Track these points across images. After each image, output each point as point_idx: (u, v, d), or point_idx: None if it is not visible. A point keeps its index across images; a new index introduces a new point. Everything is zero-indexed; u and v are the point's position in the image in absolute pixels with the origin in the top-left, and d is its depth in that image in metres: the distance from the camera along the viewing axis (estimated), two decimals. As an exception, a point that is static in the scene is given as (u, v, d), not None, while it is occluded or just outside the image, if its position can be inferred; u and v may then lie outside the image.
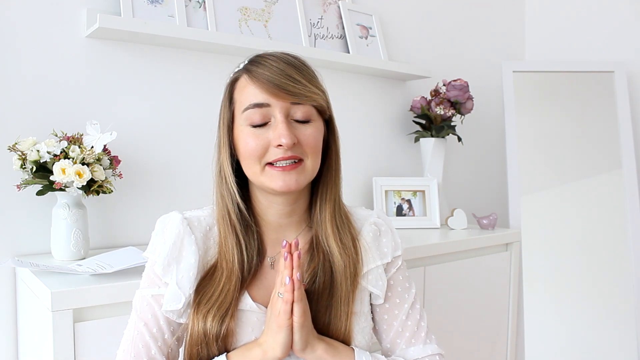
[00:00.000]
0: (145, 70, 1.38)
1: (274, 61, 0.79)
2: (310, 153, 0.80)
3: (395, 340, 0.90)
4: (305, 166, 0.80)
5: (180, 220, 0.82)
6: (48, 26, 1.24)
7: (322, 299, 0.82)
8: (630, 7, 2.11)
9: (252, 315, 0.81)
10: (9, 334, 1.20)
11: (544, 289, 1.91)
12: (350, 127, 1.79)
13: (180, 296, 0.79)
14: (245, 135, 0.79)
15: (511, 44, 2.38)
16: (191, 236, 0.82)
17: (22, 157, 1.10)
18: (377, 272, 0.87)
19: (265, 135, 0.78)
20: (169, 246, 0.80)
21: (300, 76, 0.78)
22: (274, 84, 0.76)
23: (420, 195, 1.81)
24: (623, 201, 1.93)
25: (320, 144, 0.82)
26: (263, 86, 0.77)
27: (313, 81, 0.80)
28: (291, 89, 0.77)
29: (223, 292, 0.79)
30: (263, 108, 0.77)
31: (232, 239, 0.82)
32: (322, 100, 0.81)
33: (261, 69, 0.78)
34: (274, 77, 0.77)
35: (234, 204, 0.82)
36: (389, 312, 0.90)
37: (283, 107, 0.77)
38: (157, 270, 0.80)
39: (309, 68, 0.82)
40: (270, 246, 0.87)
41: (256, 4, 1.55)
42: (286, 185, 0.78)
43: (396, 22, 1.94)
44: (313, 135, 0.80)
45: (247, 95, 0.79)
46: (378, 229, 0.91)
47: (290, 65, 0.78)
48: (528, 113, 2.01)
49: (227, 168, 0.82)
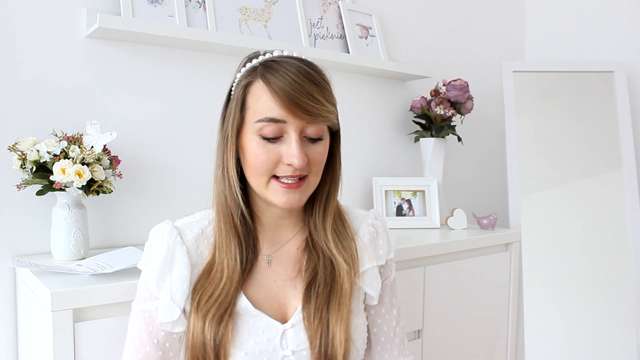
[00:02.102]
0: (145, 70, 1.37)
1: (293, 73, 0.75)
2: (315, 170, 0.80)
3: (385, 345, 0.92)
4: (308, 182, 0.80)
5: (169, 231, 0.82)
6: (48, 26, 1.24)
7: (322, 297, 0.82)
8: (631, 7, 2.11)
9: (249, 318, 0.80)
10: (9, 334, 1.20)
11: (544, 289, 1.91)
12: (350, 127, 1.79)
13: (175, 309, 0.79)
14: (255, 146, 0.77)
15: (511, 44, 2.38)
16: (182, 247, 0.81)
17: (22, 157, 1.10)
18: (373, 273, 0.88)
19: (277, 150, 0.77)
20: (159, 262, 0.80)
21: (320, 94, 0.76)
22: (294, 101, 0.74)
23: (420, 195, 1.81)
24: (623, 201, 1.93)
25: (325, 160, 0.82)
26: (281, 102, 0.74)
27: (330, 98, 0.79)
28: (310, 109, 0.75)
29: (224, 291, 0.79)
30: (278, 124, 0.76)
31: (234, 241, 0.81)
32: (336, 119, 0.81)
33: (280, 80, 0.75)
34: (294, 93, 0.74)
35: (237, 208, 0.82)
36: (381, 314, 0.91)
37: (299, 126, 0.76)
38: (151, 286, 0.80)
39: (325, 81, 0.79)
40: (266, 245, 0.87)
41: (256, 4, 1.55)
42: (289, 203, 0.79)
43: (396, 22, 1.94)
44: (321, 154, 0.80)
45: (263, 106, 0.76)
46: (375, 230, 0.91)
47: (309, 81, 0.76)
48: (528, 113, 2.01)
49: (232, 172, 0.81)
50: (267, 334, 0.80)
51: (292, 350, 0.81)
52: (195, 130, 1.45)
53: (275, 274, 0.85)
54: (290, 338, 0.81)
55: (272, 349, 0.80)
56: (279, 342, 0.81)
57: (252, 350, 0.79)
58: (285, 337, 0.81)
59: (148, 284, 0.81)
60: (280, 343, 0.81)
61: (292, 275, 0.86)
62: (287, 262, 0.87)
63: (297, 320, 0.82)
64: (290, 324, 0.82)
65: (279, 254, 0.87)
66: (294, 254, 0.87)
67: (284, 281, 0.85)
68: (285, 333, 0.81)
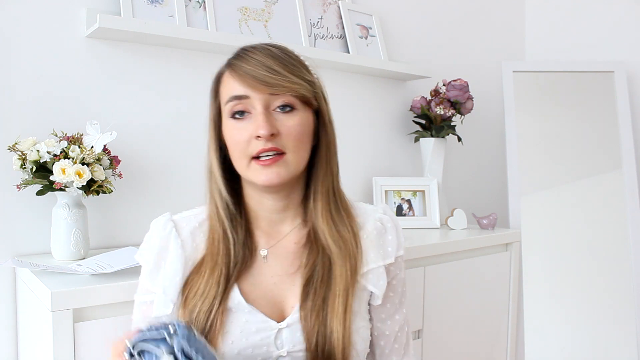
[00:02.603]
0: (145, 70, 1.37)
1: (254, 54, 0.79)
2: (292, 145, 0.78)
3: (394, 345, 0.90)
4: (287, 159, 0.78)
5: (164, 223, 0.84)
6: (48, 26, 1.24)
7: (319, 293, 0.79)
8: (630, 7, 2.11)
9: (241, 315, 0.78)
10: (9, 334, 1.20)
11: (544, 289, 1.91)
12: (350, 127, 1.79)
13: (168, 302, 0.80)
14: (230, 129, 0.80)
15: (511, 44, 2.38)
16: (177, 239, 0.82)
17: (22, 157, 1.10)
18: (378, 271, 0.85)
19: (248, 127, 0.78)
20: (154, 254, 0.82)
21: (281, 67, 0.78)
22: (252, 75, 0.77)
23: (420, 195, 1.81)
24: (623, 201, 1.93)
25: (304, 136, 0.80)
26: (242, 79, 0.78)
27: (295, 71, 0.79)
28: (268, 79, 0.77)
29: (208, 285, 0.79)
30: (242, 100, 0.78)
31: (219, 233, 0.82)
32: (305, 91, 0.79)
33: (242, 62, 0.79)
34: (252, 69, 0.77)
35: (222, 199, 0.83)
36: (389, 313, 0.89)
37: (262, 99, 0.77)
38: (145, 279, 0.82)
39: (293, 58, 0.81)
40: (263, 239, 0.86)
41: (256, 4, 1.55)
42: (268, 179, 0.78)
43: (396, 22, 1.94)
44: (295, 126, 0.79)
45: (228, 88, 0.80)
46: (383, 225, 0.88)
47: (270, 57, 0.78)
48: (528, 113, 2.01)
49: (215, 163, 0.83)
50: (260, 333, 0.78)
51: (287, 350, 0.78)
52: (195, 130, 1.45)
53: (272, 269, 0.83)
54: (285, 338, 0.78)
55: (266, 348, 0.78)
56: (274, 342, 0.78)
57: (245, 349, 0.77)
58: (280, 336, 0.78)
59: (144, 278, 0.83)
60: (275, 343, 0.78)
61: (290, 271, 0.83)
62: (285, 258, 0.84)
63: (293, 320, 0.79)
64: (286, 323, 0.79)
65: (276, 249, 0.85)
66: (292, 249, 0.85)
67: (281, 277, 0.83)
68: (281, 332, 0.78)
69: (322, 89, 0.85)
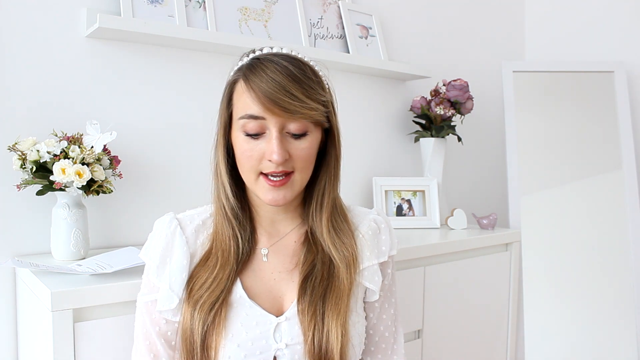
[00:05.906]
0: (145, 70, 1.37)
1: (272, 71, 0.76)
2: (300, 166, 0.80)
3: (380, 345, 0.93)
4: (293, 179, 0.81)
5: (169, 221, 0.85)
6: (48, 26, 1.24)
7: (318, 290, 0.82)
8: (631, 7, 2.11)
9: (242, 309, 0.81)
10: (9, 334, 1.20)
11: (544, 289, 1.91)
12: (350, 127, 1.79)
13: (173, 297, 0.82)
14: (241, 142, 0.80)
15: (511, 44, 2.38)
16: (182, 237, 0.84)
17: (22, 157, 1.10)
18: (373, 269, 0.89)
19: (260, 146, 0.79)
20: (159, 251, 0.83)
21: (299, 90, 0.76)
22: (270, 99, 0.75)
23: (420, 195, 1.81)
24: (623, 201, 1.93)
25: (312, 157, 0.82)
26: (259, 100, 0.76)
27: (312, 94, 0.78)
28: (287, 106, 0.75)
29: (216, 279, 0.81)
30: (258, 120, 0.77)
31: (228, 232, 0.84)
32: (320, 115, 0.80)
33: (259, 78, 0.76)
34: (270, 91, 0.75)
35: (229, 199, 0.84)
36: (379, 311, 0.91)
37: (278, 122, 0.77)
38: (151, 276, 0.83)
39: (308, 75, 0.79)
40: (264, 237, 0.88)
41: (256, 4, 1.55)
42: (274, 200, 0.80)
43: (396, 22, 1.94)
44: (306, 150, 0.80)
45: (243, 104, 0.79)
46: (377, 226, 0.92)
47: (289, 77, 0.76)
48: (528, 113, 2.01)
49: (223, 167, 0.84)
50: (260, 327, 0.81)
51: (285, 343, 0.80)
52: (195, 129, 1.45)
53: (272, 266, 0.86)
54: (284, 331, 0.81)
55: (265, 341, 0.80)
56: (272, 335, 0.81)
57: (245, 342, 0.79)
58: (279, 330, 0.81)
59: (149, 274, 0.84)
60: (274, 336, 0.81)
61: (289, 267, 0.86)
62: (285, 255, 0.87)
63: (292, 314, 0.82)
64: (285, 317, 0.82)
65: (277, 246, 0.88)
66: (292, 247, 0.88)
67: (280, 274, 0.86)
68: (279, 326, 0.81)
69: (333, 103, 0.85)
